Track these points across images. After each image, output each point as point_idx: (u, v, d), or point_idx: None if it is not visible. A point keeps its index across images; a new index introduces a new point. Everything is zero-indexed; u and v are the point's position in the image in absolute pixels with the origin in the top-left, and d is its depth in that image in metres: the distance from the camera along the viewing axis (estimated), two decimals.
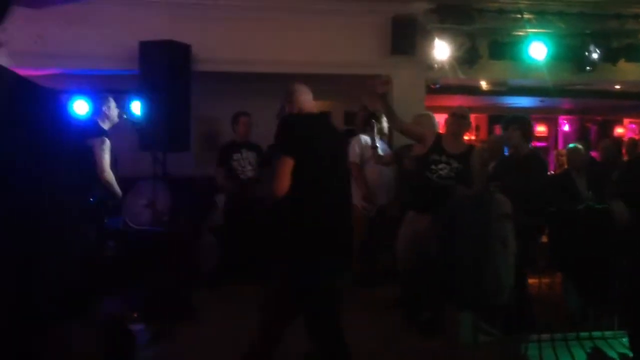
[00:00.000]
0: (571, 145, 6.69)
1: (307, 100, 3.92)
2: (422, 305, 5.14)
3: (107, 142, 5.35)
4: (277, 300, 3.70)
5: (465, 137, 5.70)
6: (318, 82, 8.05)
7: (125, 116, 5.84)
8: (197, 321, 5.30)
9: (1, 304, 1.00)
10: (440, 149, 5.05)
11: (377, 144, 5.81)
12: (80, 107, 6.36)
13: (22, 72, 4.85)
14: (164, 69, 6.49)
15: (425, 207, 4.98)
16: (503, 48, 7.37)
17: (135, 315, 5.23)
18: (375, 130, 5.81)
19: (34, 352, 1.04)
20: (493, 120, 10.58)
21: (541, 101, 10.01)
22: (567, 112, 11.55)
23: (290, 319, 3.65)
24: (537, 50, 7.17)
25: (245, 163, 6.73)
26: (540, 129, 11.48)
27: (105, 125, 5.53)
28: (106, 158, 5.30)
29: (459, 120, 5.17)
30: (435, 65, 7.22)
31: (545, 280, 5.06)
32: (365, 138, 6.41)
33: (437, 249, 4.68)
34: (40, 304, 1.05)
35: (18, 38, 6.58)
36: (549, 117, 11.46)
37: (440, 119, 8.18)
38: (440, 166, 4.99)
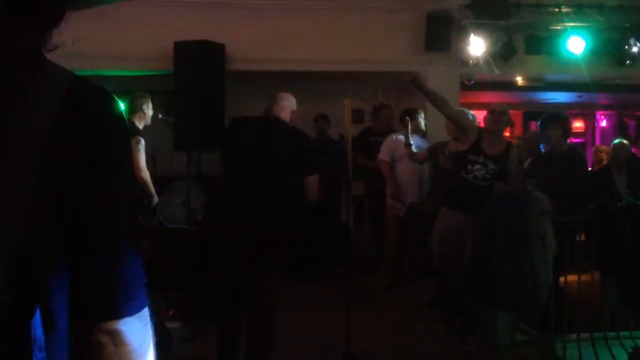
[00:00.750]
0: (617, 140, 6.55)
1: (278, 107, 4.19)
2: (459, 305, 5.07)
3: (143, 142, 5.39)
4: None
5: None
6: (351, 80, 8.11)
7: (159, 116, 5.88)
8: None
9: None
10: (479, 148, 4.92)
11: (411, 141, 5.75)
12: None
13: None
14: (198, 68, 6.51)
15: (458, 205, 4.93)
16: (540, 43, 7.27)
17: (171, 313, 5.27)
18: (409, 127, 5.74)
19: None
20: (529, 116, 10.41)
21: (578, 96, 9.82)
22: (605, 107, 11.30)
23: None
24: (575, 45, 7.03)
25: None
26: (577, 124, 11.27)
27: (140, 125, 5.57)
28: (142, 157, 5.34)
29: (498, 117, 4.98)
30: (470, 61, 7.13)
31: (585, 278, 4.94)
32: (397, 136, 6.37)
33: (473, 247, 4.62)
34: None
35: (55, 39, 6.70)
36: (586, 112, 11.24)
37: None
38: (477, 167, 4.88)
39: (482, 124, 5.33)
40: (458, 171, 4.98)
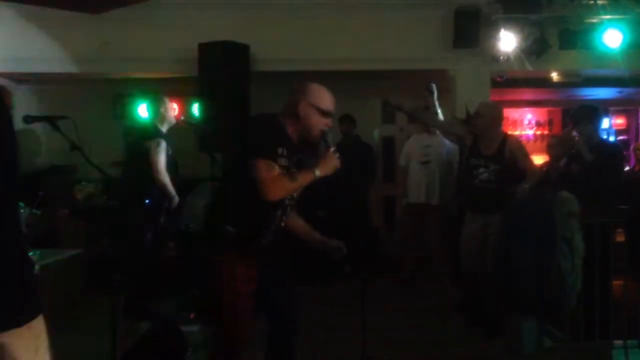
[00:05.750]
0: None
1: None
2: (484, 309, 4.91)
3: (163, 144, 5.35)
4: None
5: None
6: (380, 79, 7.97)
7: (182, 117, 5.85)
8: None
9: None
10: (477, 151, 4.90)
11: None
12: (143, 110, 6.46)
13: (87, 77, 4.88)
14: (223, 69, 6.50)
15: (477, 209, 4.83)
16: (575, 37, 7.00)
17: (192, 316, 5.23)
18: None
19: None
20: (567, 113, 10.07)
21: (619, 92, 9.46)
22: None
23: None
24: (612, 38, 6.75)
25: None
26: (619, 121, 10.85)
27: (163, 127, 5.54)
28: (161, 160, 5.30)
29: (474, 120, 5.01)
30: (501, 58, 6.91)
31: (617, 283, 4.71)
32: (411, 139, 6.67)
33: (498, 251, 4.46)
34: None
35: (82, 44, 6.77)
36: (629, 108, 10.81)
37: (508, 113, 7.87)
38: (481, 170, 4.83)
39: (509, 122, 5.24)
40: (467, 177, 4.96)
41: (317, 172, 3.05)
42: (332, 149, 3.11)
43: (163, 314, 5.02)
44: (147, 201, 5.25)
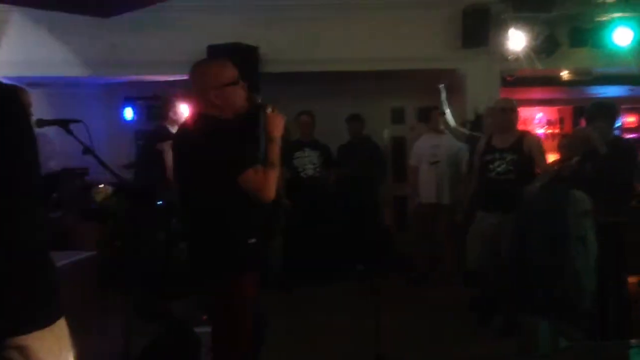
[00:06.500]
0: None
1: None
2: (496, 308, 4.89)
3: None
4: None
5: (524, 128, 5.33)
6: (389, 79, 7.96)
7: None
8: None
9: None
10: (491, 147, 4.92)
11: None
12: (153, 113, 6.48)
13: (97, 81, 4.91)
14: None
15: (491, 207, 4.80)
16: (585, 35, 6.97)
17: (204, 317, 5.23)
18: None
19: None
20: (578, 112, 10.02)
21: (631, 90, 9.41)
22: None
23: None
24: (622, 36, 6.74)
25: (306, 161, 6.75)
26: (630, 119, 10.78)
27: (173, 129, 5.56)
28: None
29: (509, 114, 4.97)
30: (511, 56, 6.90)
31: (632, 280, 4.69)
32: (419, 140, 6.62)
33: (509, 250, 4.44)
34: None
35: (91, 47, 6.81)
36: None
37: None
38: (496, 164, 4.84)
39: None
40: (482, 175, 4.96)
41: (277, 139, 2.86)
42: (269, 109, 2.87)
43: (176, 315, 5.03)
44: (159, 202, 5.27)
